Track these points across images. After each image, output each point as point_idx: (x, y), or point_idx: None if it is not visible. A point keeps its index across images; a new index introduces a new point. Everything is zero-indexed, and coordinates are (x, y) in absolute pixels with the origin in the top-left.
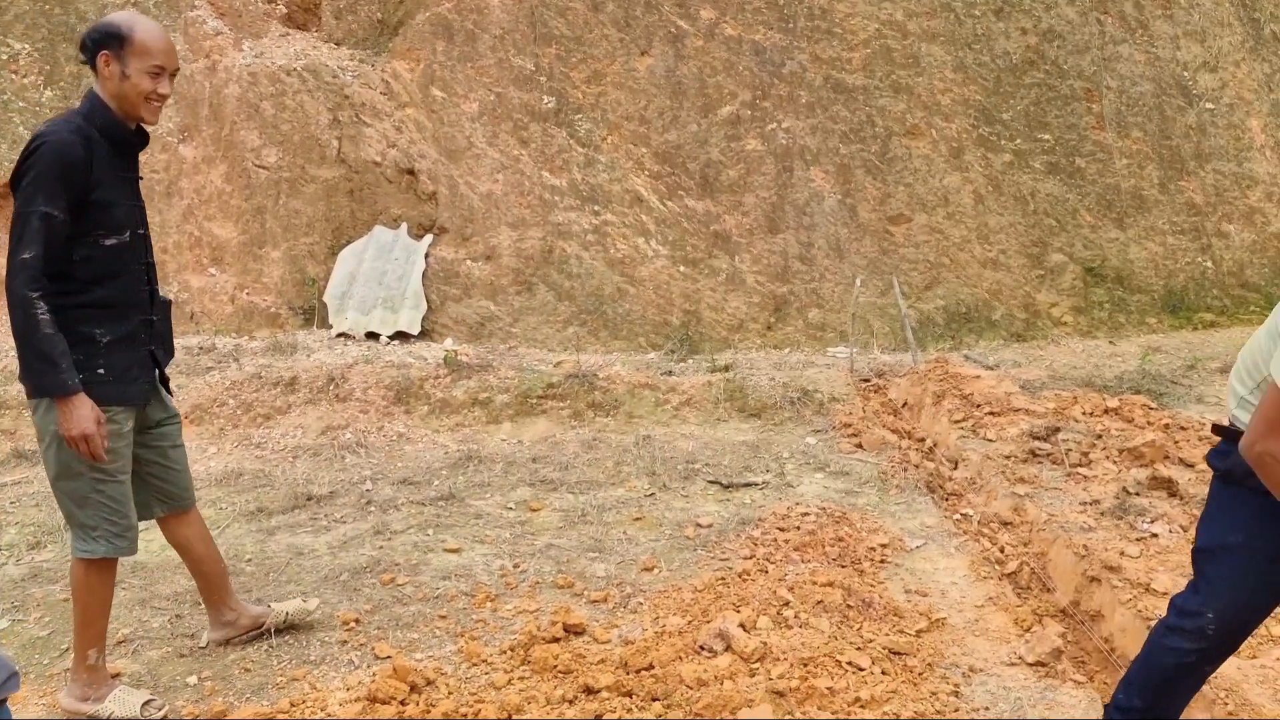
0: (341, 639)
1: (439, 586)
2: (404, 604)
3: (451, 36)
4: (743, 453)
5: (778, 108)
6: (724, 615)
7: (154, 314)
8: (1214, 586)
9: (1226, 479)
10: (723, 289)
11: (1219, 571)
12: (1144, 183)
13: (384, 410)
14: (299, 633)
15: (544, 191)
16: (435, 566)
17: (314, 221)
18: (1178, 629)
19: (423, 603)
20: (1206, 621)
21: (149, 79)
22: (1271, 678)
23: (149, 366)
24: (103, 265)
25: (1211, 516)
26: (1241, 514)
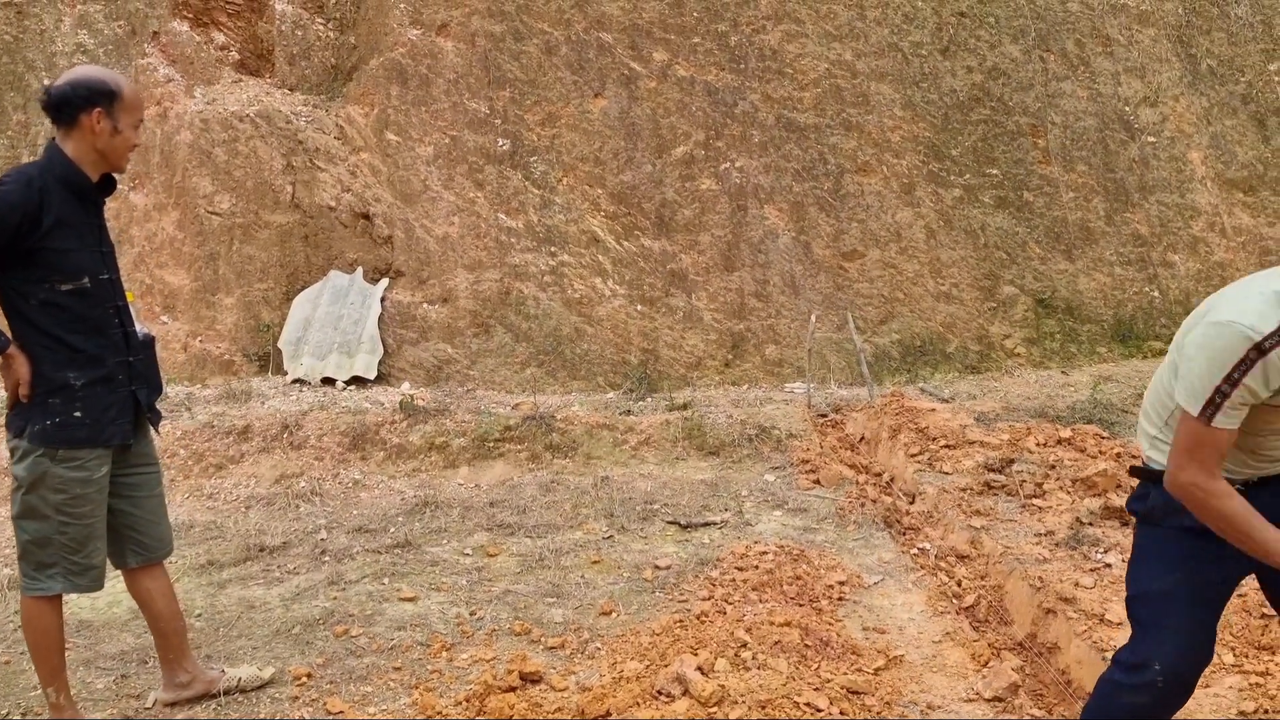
0: (293, 694)
1: (394, 637)
2: (358, 656)
3: (405, 81)
4: (701, 492)
5: (731, 147)
6: (681, 658)
7: (131, 355)
8: (1153, 635)
9: (1147, 520)
10: (680, 327)
11: (1155, 618)
12: (1090, 215)
13: (339, 457)
14: (248, 691)
15: (500, 233)
16: (390, 616)
17: (268, 267)
18: (1124, 686)
19: (377, 654)
20: (1154, 674)
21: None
22: (1225, 707)
23: (129, 408)
24: (67, 312)
25: (1137, 562)
26: (1167, 556)
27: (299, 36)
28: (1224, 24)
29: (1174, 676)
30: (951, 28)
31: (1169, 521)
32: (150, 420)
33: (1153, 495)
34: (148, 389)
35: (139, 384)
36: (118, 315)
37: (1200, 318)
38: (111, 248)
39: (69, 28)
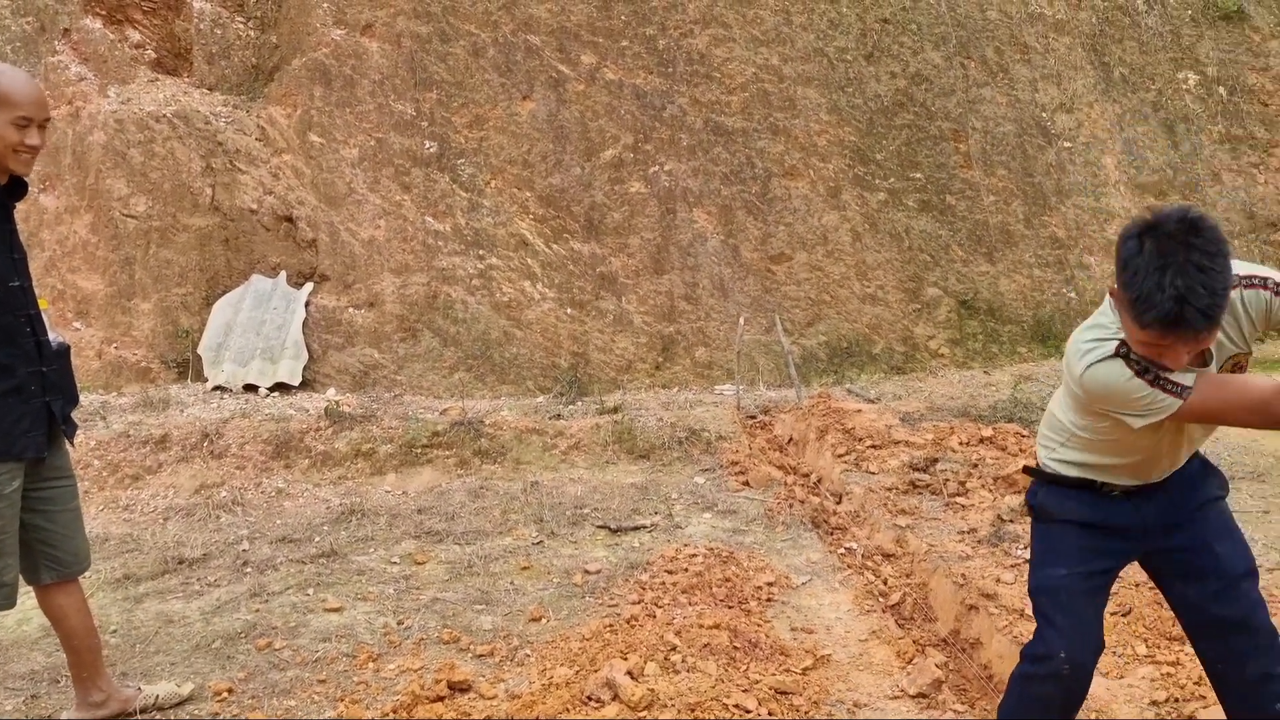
0: (213, 711)
1: (319, 649)
2: (281, 669)
3: (329, 82)
4: (631, 495)
5: (660, 150)
6: (611, 663)
7: (44, 365)
8: (1055, 625)
9: (1040, 515)
10: (610, 330)
11: (1055, 608)
12: (1010, 218)
13: (262, 466)
14: (165, 709)
15: (427, 237)
16: (315, 628)
17: (187, 271)
18: (1034, 677)
19: (301, 667)
20: (1060, 663)
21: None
22: (1138, 697)
23: (43, 419)
24: None
25: (1035, 556)
26: (1060, 550)
27: (218, 35)
28: (1135, 33)
29: (1076, 665)
30: (875, 34)
31: (1059, 515)
32: (65, 432)
33: (1040, 494)
34: (62, 400)
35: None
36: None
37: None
38: (23, 254)
39: None
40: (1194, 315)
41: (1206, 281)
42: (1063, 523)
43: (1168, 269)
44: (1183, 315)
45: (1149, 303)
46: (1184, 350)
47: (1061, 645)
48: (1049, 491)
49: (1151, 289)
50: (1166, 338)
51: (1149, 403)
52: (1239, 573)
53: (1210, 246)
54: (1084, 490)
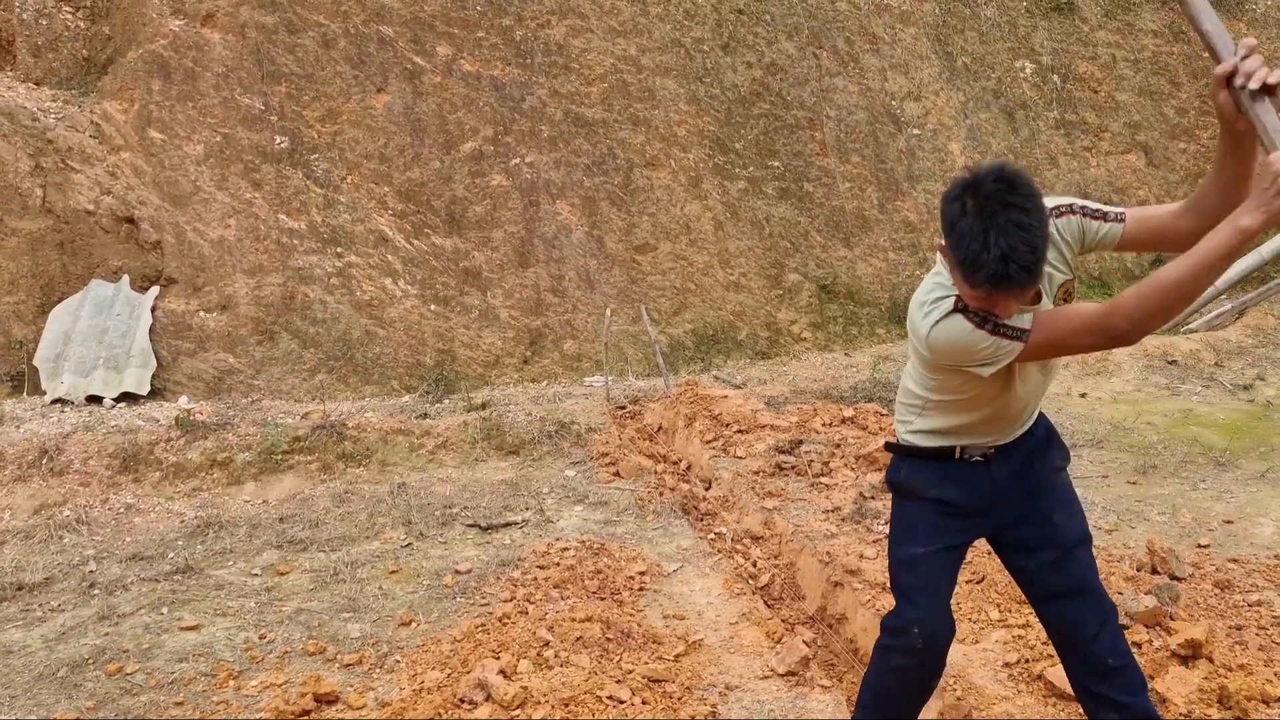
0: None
1: (175, 670)
2: (134, 694)
3: (169, 75)
4: (502, 492)
5: (520, 142)
6: (484, 664)
7: None
8: (911, 599)
9: (900, 492)
10: (476, 326)
11: (911, 582)
12: (865, 204)
13: (109, 481)
14: None
15: (281, 235)
16: (170, 648)
17: (18, 278)
18: (892, 649)
19: (156, 690)
20: (915, 637)
21: None
22: (993, 660)
23: None
24: None
25: (895, 532)
26: (918, 523)
27: (44, 26)
28: (975, 24)
29: (930, 639)
30: (731, 24)
31: (919, 493)
32: None
33: (903, 470)
34: None
35: None
36: None
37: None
38: None
39: None
40: (1018, 272)
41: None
42: (921, 500)
43: (990, 231)
44: (1008, 274)
45: (976, 264)
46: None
47: (917, 619)
48: (911, 466)
49: (978, 251)
50: (995, 294)
51: (993, 350)
52: (1074, 542)
53: (1027, 202)
54: (945, 461)
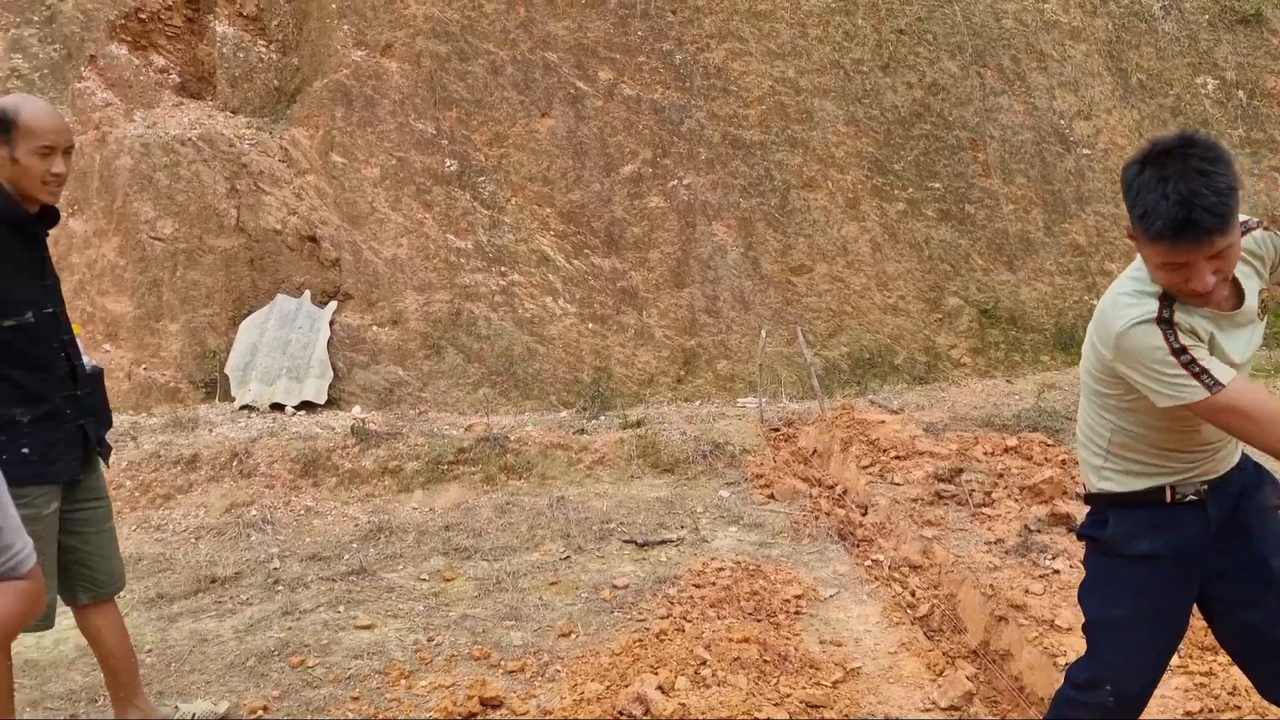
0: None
1: (351, 666)
2: (314, 687)
3: (350, 102)
4: (657, 509)
5: (678, 164)
6: (642, 678)
7: (78, 389)
8: (1106, 659)
9: (1102, 550)
10: (632, 344)
11: (1110, 644)
12: (1030, 226)
13: (291, 484)
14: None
15: (449, 254)
16: (347, 645)
17: (213, 292)
18: (1077, 703)
19: (334, 684)
20: (1105, 696)
21: (39, 160)
22: (1171, 708)
23: (77, 442)
24: (9, 348)
25: (1092, 589)
26: (1122, 585)
27: (241, 59)
28: (1152, 39)
29: (1124, 700)
30: (891, 45)
31: (1125, 549)
32: (99, 453)
33: (1111, 523)
34: (96, 422)
35: (86, 417)
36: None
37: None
38: (56, 280)
39: (2, 51)
40: (1201, 215)
41: (1209, 183)
42: (1127, 557)
43: (1168, 179)
44: (1190, 217)
45: (1155, 212)
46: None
47: (1110, 679)
48: (1119, 519)
49: (1156, 199)
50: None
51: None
52: None
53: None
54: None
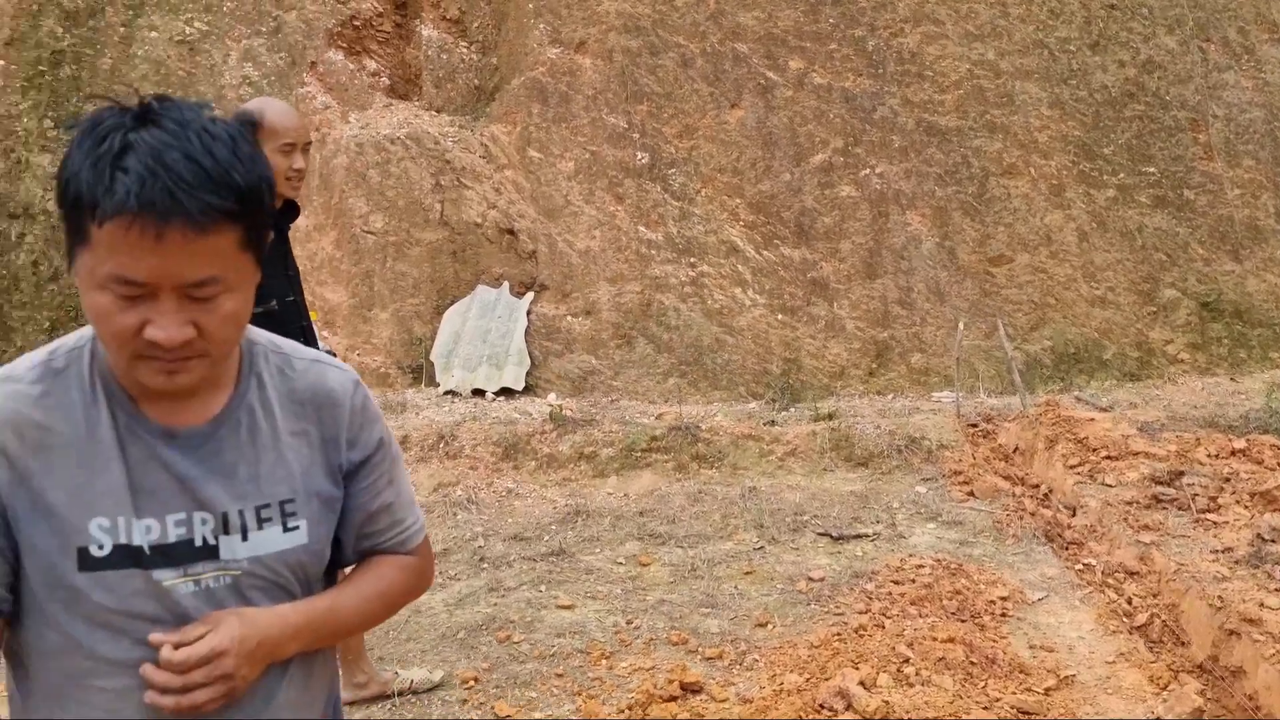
0: (462, 698)
1: (554, 644)
2: (521, 662)
3: (546, 99)
4: (851, 503)
5: (870, 153)
6: (843, 673)
7: None
8: None
9: None
10: (822, 336)
11: None
12: (1259, 212)
13: (493, 466)
14: (420, 693)
15: (641, 246)
16: (549, 623)
17: (419, 283)
18: None
19: (539, 660)
20: None
21: (281, 157)
22: None
23: None
24: None
25: None
26: None
27: (444, 60)
28: None
29: None
30: (1101, 21)
31: None
32: None
33: None
34: None
35: None
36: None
37: None
38: (297, 271)
39: (235, 61)
40: None
41: None
42: None
43: None
44: None
45: None
46: None
47: None
48: None
49: None
50: None
51: None
52: None
53: None
54: None
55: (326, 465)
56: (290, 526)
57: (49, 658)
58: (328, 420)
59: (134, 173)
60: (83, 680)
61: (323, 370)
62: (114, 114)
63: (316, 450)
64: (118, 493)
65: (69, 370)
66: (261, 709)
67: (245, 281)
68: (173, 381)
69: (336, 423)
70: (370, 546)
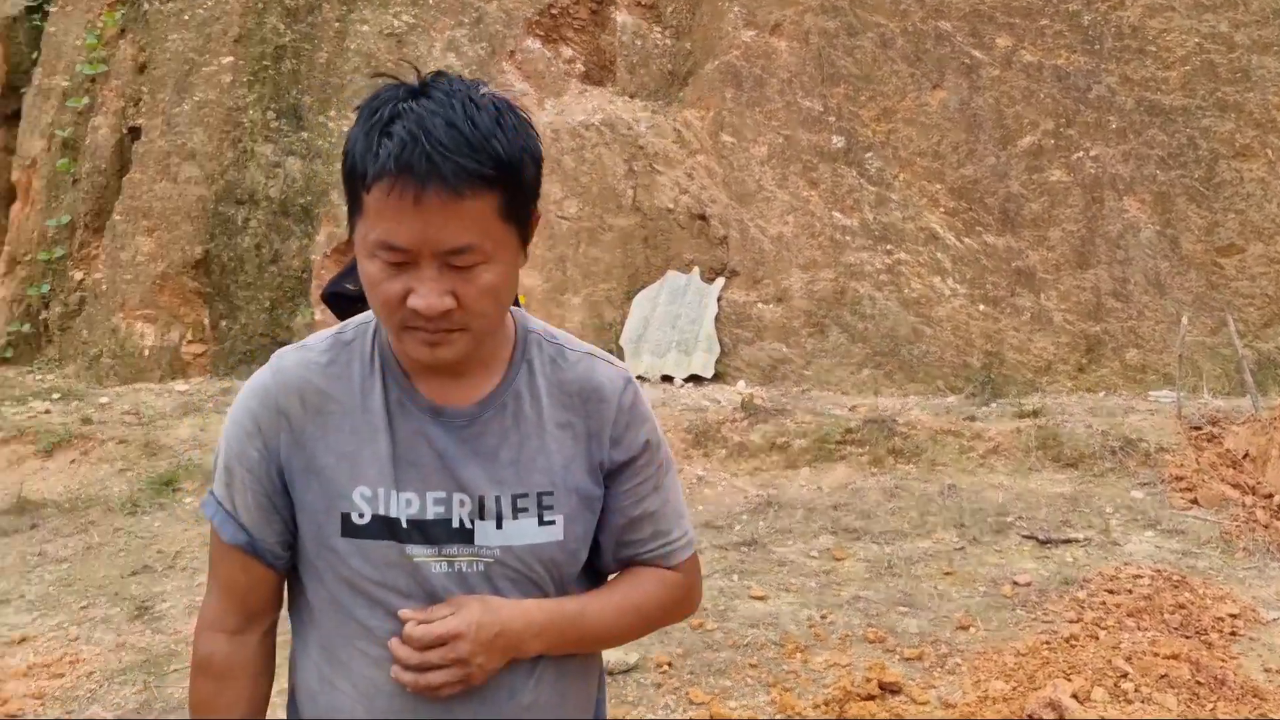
0: (656, 681)
1: (747, 634)
2: (714, 650)
3: (740, 83)
4: (1059, 505)
5: (1084, 135)
6: (1054, 683)
7: None
8: None
9: None
10: (1027, 328)
11: None
12: None
13: (683, 453)
14: (615, 674)
15: (835, 232)
16: (742, 613)
17: (611, 268)
18: None
19: (733, 649)
20: None
21: None
22: None
23: None
24: None
25: None
26: None
27: (638, 46)
28: None
29: None
30: None
31: None
32: None
33: None
34: None
35: None
36: None
37: None
38: None
39: (439, 52)
40: None
41: None
42: None
43: None
44: None
45: None
46: None
47: None
48: None
49: None
50: None
51: None
52: None
53: None
54: None
55: (588, 461)
56: (546, 520)
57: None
58: (593, 415)
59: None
60: (351, 641)
61: (594, 364)
62: (392, 89)
63: (580, 444)
64: (382, 464)
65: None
66: (504, 705)
67: (505, 253)
68: (434, 354)
69: (602, 418)
70: (631, 555)
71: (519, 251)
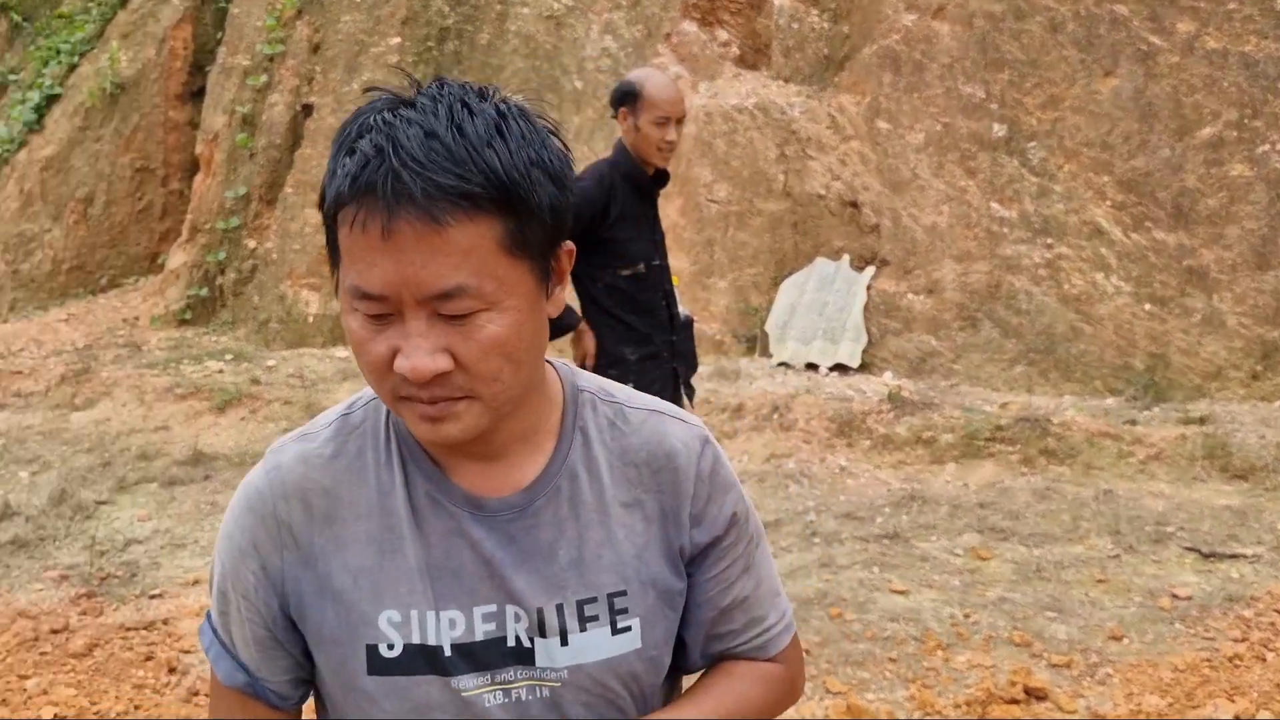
0: None
1: (887, 628)
2: (852, 641)
3: (898, 68)
4: (1226, 518)
5: (1271, 127)
6: (1215, 704)
7: (674, 335)
8: None
9: None
10: (1197, 331)
11: None
12: None
13: (826, 442)
14: None
15: (991, 223)
16: (882, 606)
17: (759, 253)
18: None
19: (871, 642)
20: None
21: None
22: None
23: (670, 383)
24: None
25: None
26: None
27: (794, 29)
28: None
29: None
30: None
31: None
32: (686, 395)
33: None
34: (686, 366)
35: (679, 361)
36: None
37: None
38: (662, 235)
39: (596, 34)
40: None
41: None
42: None
43: None
44: None
45: None
46: None
47: None
48: None
49: None
50: None
51: None
52: None
53: None
54: None
55: (665, 547)
56: (620, 627)
57: None
58: (667, 489)
59: (359, 153)
60: None
61: (662, 423)
62: (374, 102)
63: (653, 527)
64: (412, 579)
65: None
66: None
67: (514, 297)
68: (437, 431)
69: (678, 492)
70: (722, 650)
71: (539, 294)
